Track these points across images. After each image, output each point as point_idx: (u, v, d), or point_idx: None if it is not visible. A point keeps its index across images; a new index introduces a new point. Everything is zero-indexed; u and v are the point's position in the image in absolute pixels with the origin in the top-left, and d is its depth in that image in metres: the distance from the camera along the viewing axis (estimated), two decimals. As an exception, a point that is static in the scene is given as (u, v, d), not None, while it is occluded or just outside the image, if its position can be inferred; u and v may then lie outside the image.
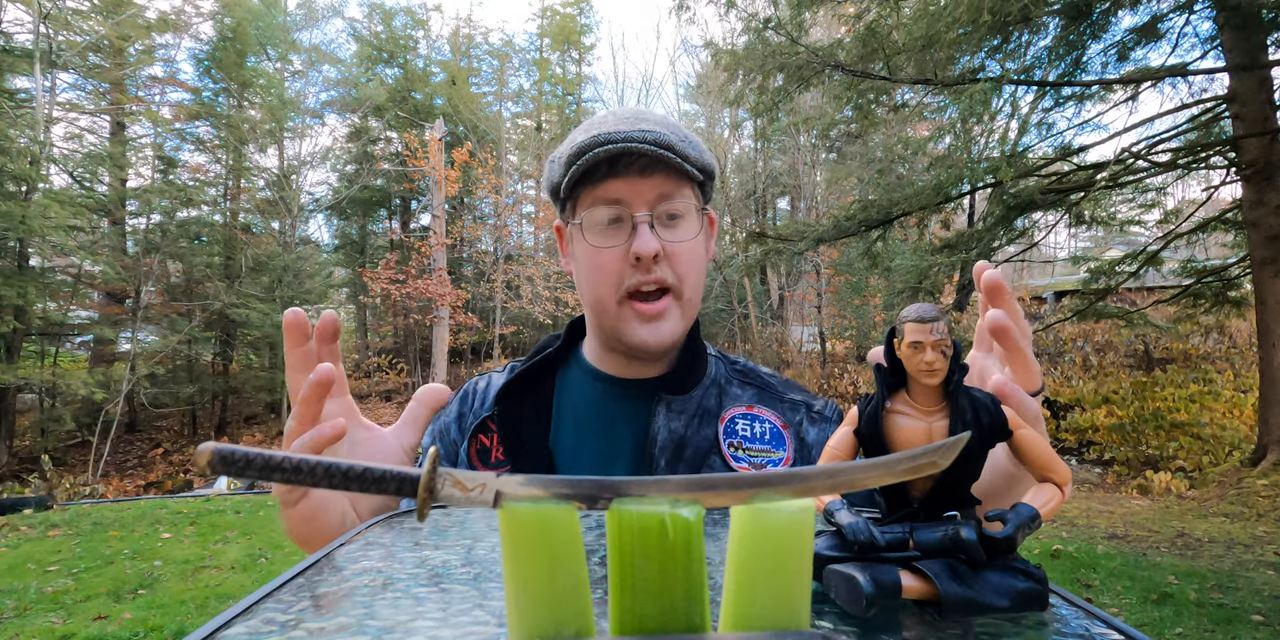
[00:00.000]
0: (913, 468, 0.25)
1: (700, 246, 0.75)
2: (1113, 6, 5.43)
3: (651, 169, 0.70)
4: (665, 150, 0.67)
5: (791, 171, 16.97)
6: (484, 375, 0.86)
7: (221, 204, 16.71)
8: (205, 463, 0.23)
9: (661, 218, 0.71)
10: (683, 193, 0.72)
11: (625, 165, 0.69)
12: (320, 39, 22.38)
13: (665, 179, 0.70)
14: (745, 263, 10.49)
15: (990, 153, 8.21)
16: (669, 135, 0.69)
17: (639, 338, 0.72)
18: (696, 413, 0.76)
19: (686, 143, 0.71)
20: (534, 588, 0.23)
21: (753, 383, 0.82)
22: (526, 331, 18.43)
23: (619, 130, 0.68)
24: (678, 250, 0.71)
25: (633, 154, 0.67)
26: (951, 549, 0.30)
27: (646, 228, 0.69)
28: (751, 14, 6.60)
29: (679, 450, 0.73)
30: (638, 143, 0.66)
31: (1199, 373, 8.94)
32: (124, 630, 3.66)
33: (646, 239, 0.69)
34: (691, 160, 0.71)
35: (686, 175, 0.71)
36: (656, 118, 0.74)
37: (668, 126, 0.72)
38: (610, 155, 0.67)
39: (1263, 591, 3.71)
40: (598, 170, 0.70)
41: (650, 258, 0.69)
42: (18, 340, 11.90)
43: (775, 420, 0.77)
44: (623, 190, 0.70)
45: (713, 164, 0.75)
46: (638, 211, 0.70)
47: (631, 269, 0.70)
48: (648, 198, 0.70)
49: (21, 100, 11.85)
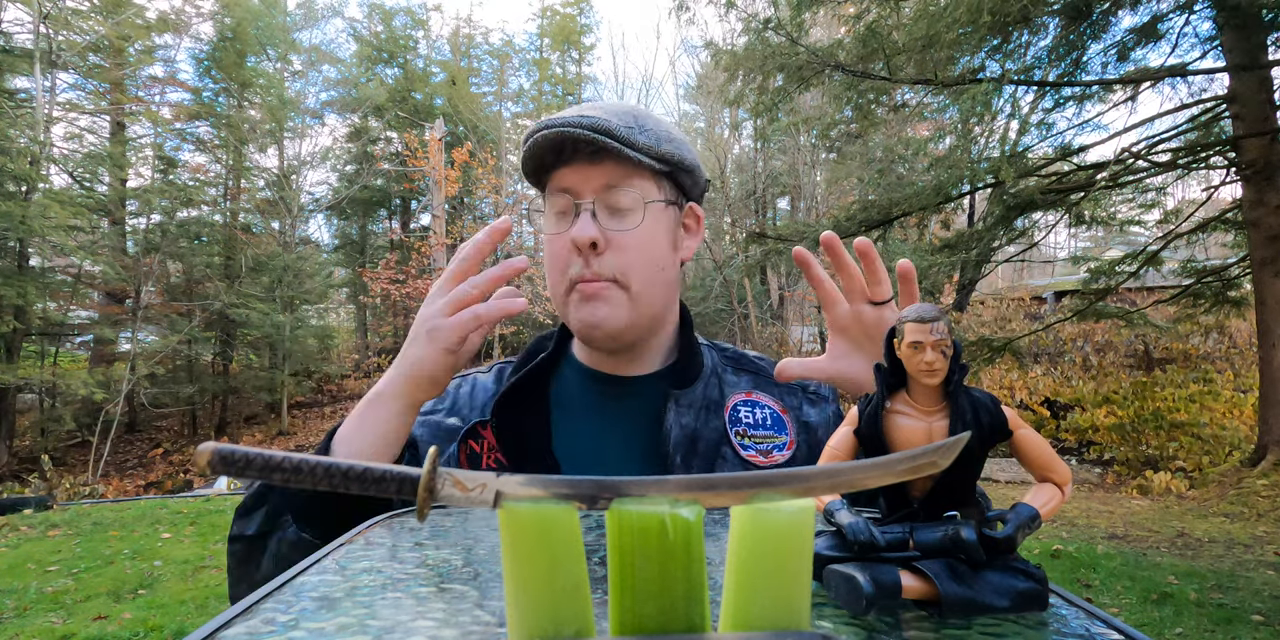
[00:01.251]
0: (913, 468, 0.25)
1: (652, 237, 0.72)
2: (1113, 6, 5.43)
3: (598, 156, 0.68)
4: (603, 136, 0.66)
5: (791, 171, 16.97)
6: (465, 376, 0.85)
7: (221, 204, 16.71)
8: (205, 463, 0.23)
9: (607, 206, 0.69)
10: (632, 181, 0.70)
11: (572, 153, 0.69)
12: (320, 39, 22.38)
13: (614, 167, 0.69)
14: (745, 263, 10.48)
15: (990, 153, 8.21)
16: (611, 121, 0.67)
17: (578, 319, 0.71)
18: (703, 405, 0.75)
19: (636, 130, 0.69)
20: (534, 588, 0.23)
21: (746, 368, 0.82)
22: (526, 331, 18.43)
23: (561, 117, 0.67)
24: (621, 241, 0.69)
25: (574, 140, 0.66)
26: (951, 549, 0.30)
27: (587, 215, 0.68)
28: (751, 14, 6.60)
29: (693, 445, 0.72)
30: (574, 128, 0.65)
31: (1199, 373, 8.94)
32: (124, 630, 3.66)
33: (582, 225, 0.68)
34: (640, 147, 0.68)
35: (637, 164, 0.69)
36: (612, 106, 0.71)
37: (620, 114, 0.70)
38: (550, 142, 0.67)
39: (1263, 591, 3.71)
40: (546, 160, 0.70)
41: (587, 245, 0.68)
42: (18, 340, 11.90)
43: (774, 405, 0.77)
44: (571, 178, 0.70)
45: (680, 155, 0.72)
46: (582, 199, 0.69)
47: (576, 257, 0.70)
48: (594, 185, 0.69)
49: (21, 100, 11.86)
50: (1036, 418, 8.72)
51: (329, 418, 15.42)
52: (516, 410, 0.76)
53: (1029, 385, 9.32)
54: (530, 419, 0.76)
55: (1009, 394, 9.15)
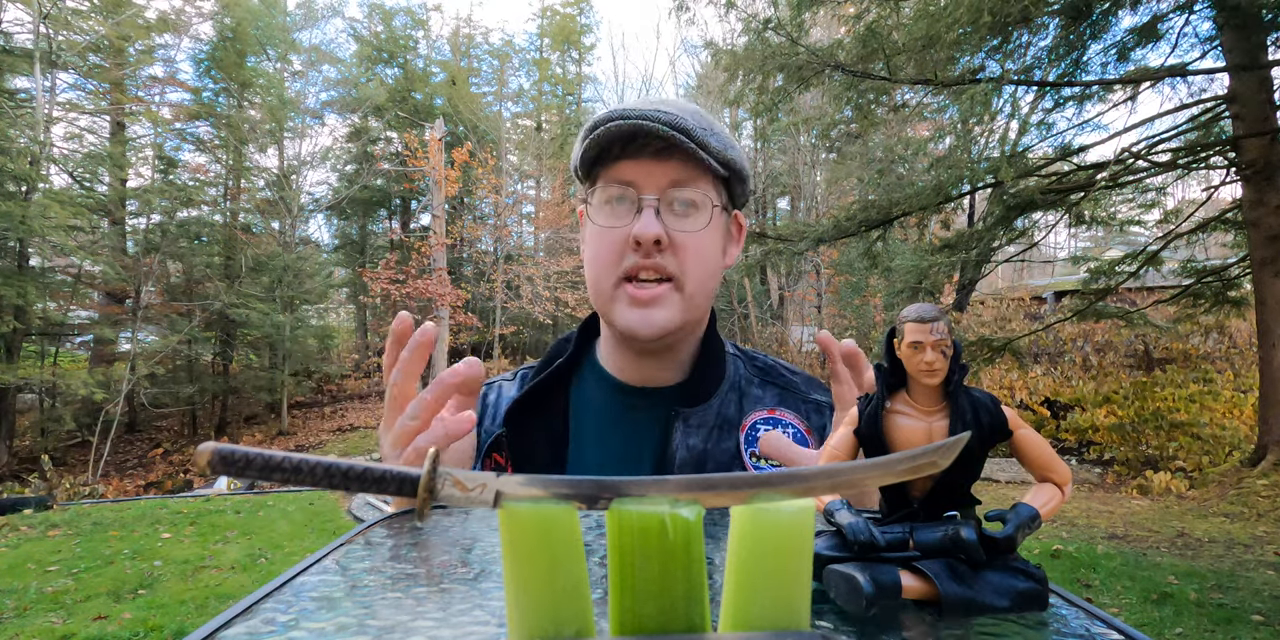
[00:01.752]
0: (913, 468, 0.25)
1: (711, 241, 0.71)
2: (1113, 6, 5.42)
3: (667, 153, 0.67)
4: (680, 133, 0.65)
5: (791, 171, 16.97)
6: (492, 384, 0.83)
7: (221, 204, 16.71)
8: (205, 463, 0.23)
9: (672, 205, 0.68)
10: (698, 183, 0.69)
11: (639, 146, 0.67)
12: (320, 39, 22.39)
13: (681, 165, 0.68)
14: (745, 263, 10.48)
15: (990, 153, 8.21)
16: (687, 119, 0.66)
17: (626, 323, 0.69)
18: (716, 424, 0.73)
19: (708, 133, 0.68)
20: (534, 588, 0.23)
21: (774, 382, 0.79)
22: (526, 331, 18.43)
23: (636, 108, 0.66)
24: (684, 241, 0.68)
25: (646, 133, 0.65)
26: (951, 549, 0.30)
27: (651, 212, 0.67)
28: (751, 15, 6.60)
29: (699, 467, 0.70)
30: (651, 122, 0.64)
31: (1199, 373, 8.94)
32: (124, 630, 3.66)
33: (648, 222, 0.66)
34: (711, 150, 0.67)
35: (705, 166, 0.68)
36: (684, 105, 0.70)
37: (691, 114, 0.69)
38: (622, 132, 0.65)
39: (1263, 591, 3.71)
40: (612, 150, 0.68)
41: (650, 242, 0.66)
42: (18, 340, 11.90)
43: (798, 424, 0.74)
44: (634, 172, 0.68)
45: (741, 164, 0.72)
46: (646, 194, 0.68)
47: (632, 252, 0.68)
48: (659, 182, 0.68)
49: (21, 100, 11.85)
50: (1036, 418, 8.72)
51: (329, 418, 15.42)
52: (532, 418, 0.74)
53: (1029, 385, 9.32)
54: (546, 427, 0.75)
55: (1009, 394, 9.15)
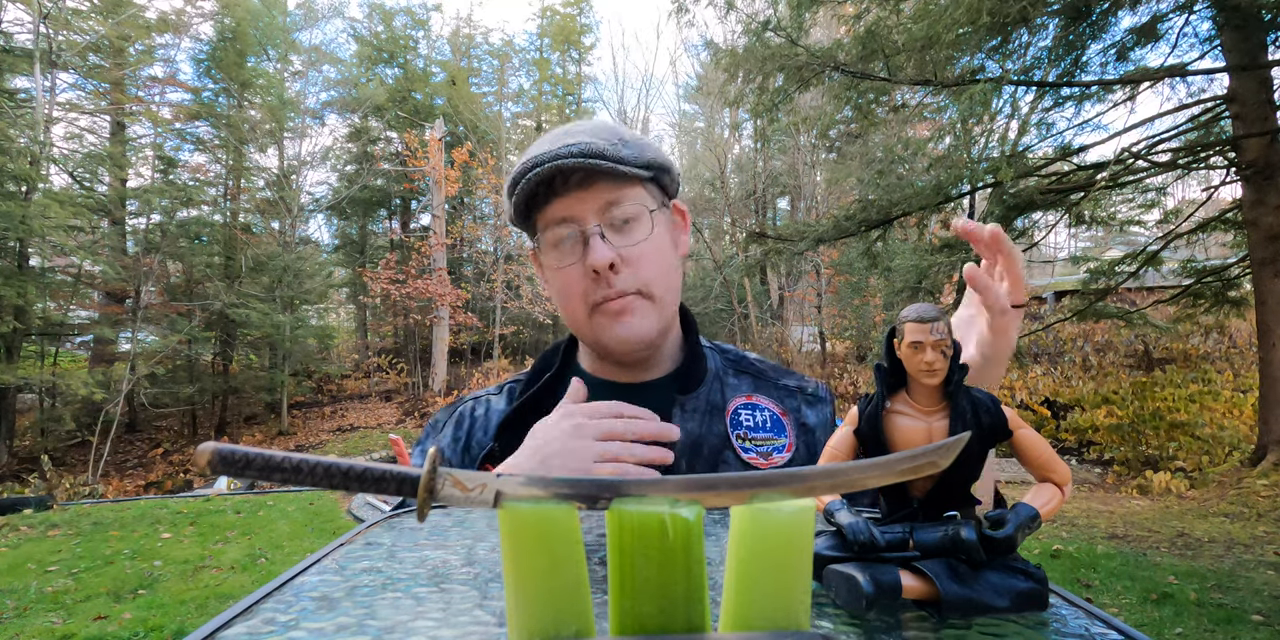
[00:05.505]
0: (913, 468, 0.25)
1: (661, 244, 0.74)
2: (1112, 6, 5.42)
3: (590, 180, 0.69)
4: (595, 159, 0.67)
5: (791, 171, 16.97)
6: (479, 398, 0.86)
7: (221, 204, 16.72)
8: (205, 463, 0.23)
9: (613, 224, 0.70)
10: (629, 195, 0.71)
11: (562, 183, 0.69)
12: (320, 39, 22.39)
13: (608, 186, 0.70)
14: (745, 263, 10.49)
15: (990, 153, 8.20)
16: (596, 142, 0.68)
17: (613, 337, 0.72)
18: (707, 409, 0.76)
19: (621, 145, 0.70)
20: (534, 588, 0.23)
21: (746, 371, 0.83)
22: (526, 331, 18.43)
23: (546, 151, 0.68)
24: (637, 254, 0.71)
25: (567, 171, 0.67)
26: (951, 549, 0.30)
27: (598, 239, 0.69)
28: (751, 15, 6.60)
29: (697, 449, 0.73)
30: (564, 159, 0.66)
31: (1199, 373, 8.94)
32: (124, 630, 3.66)
33: (598, 251, 0.68)
34: (629, 161, 0.69)
35: (630, 177, 0.70)
36: (587, 127, 0.73)
37: (597, 133, 0.71)
38: (542, 178, 0.68)
39: (1263, 591, 3.71)
40: (539, 195, 0.71)
41: (606, 268, 0.69)
42: (18, 340, 11.90)
43: (774, 407, 0.78)
44: (568, 207, 0.70)
45: (660, 158, 0.74)
46: (587, 225, 0.70)
47: (593, 283, 0.70)
48: (593, 208, 0.70)
49: (21, 100, 11.85)
50: (1036, 418, 8.72)
51: (329, 418, 15.42)
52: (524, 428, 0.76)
53: (1029, 385, 9.32)
54: None
55: (1009, 394, 9.15)
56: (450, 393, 15.42)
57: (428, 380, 16.50)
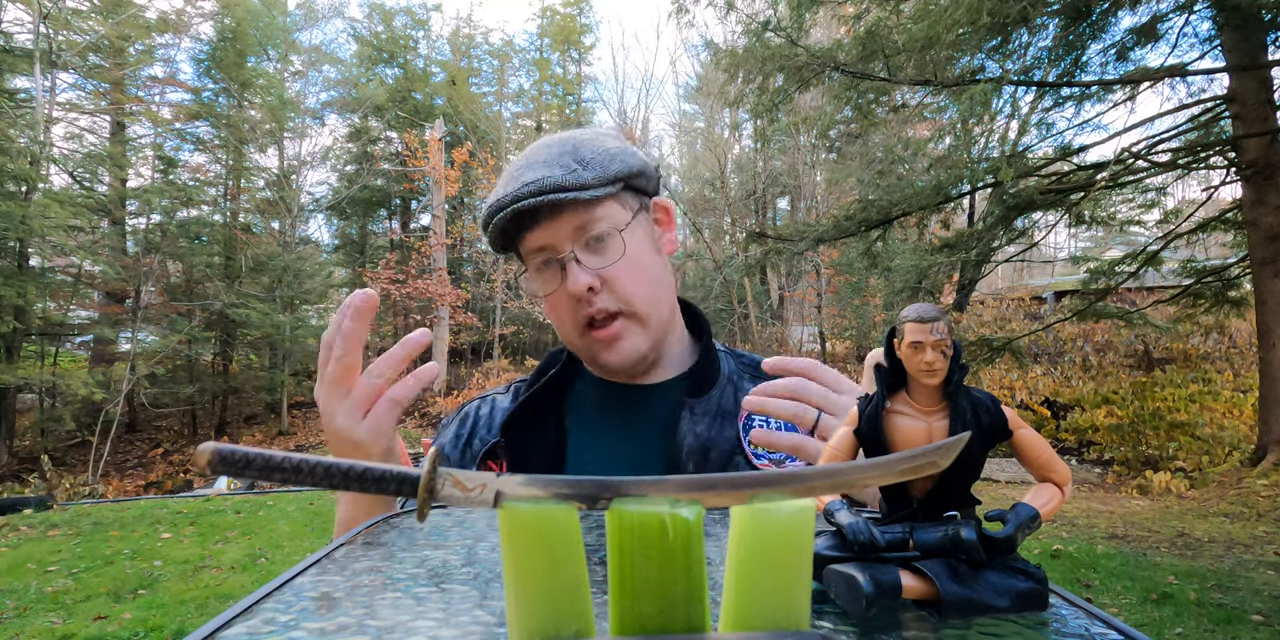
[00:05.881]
0: (913, 468, 0.25)
1: (639, 256, 0.73)
2: (1112, 7, 5.43)
3: (557, 210, 0.70)
4: (553, 194, 0.67)
5: (791, 171, 16.97)
6: (485, 398, 0.87)
7: (221, 204, 16.72)
8: (205, 463, 0.23)
9: (588, 245, 0.71)
10: (598, 216, 0.71)
11: (531, 218, 0.70)
12: (320, 39, 22.36)
13: (575, 213, 0.70)
14: (745, 263, 10.49)
15: (990, 153, 8.21)
16: (552, 175, 0.68)
17: (605, 361, 0.74)
18: (718, 413, 0.76)
19: (581, 168, 0.70)
20: (534, 588, 0.23)
21: (760, 376, 0.80)
22: (526, 331, 18.43)
23: (506, 193, 0.69)
24: (615, 273, 0.71)
25: (531, 211, 0.69)
26: (951, 549, 0.30)
27: (574, 265, 0.70)
28: (751, 16, 6.60)
29: (705, 454, 0.73)
30: (524, 200, 0.67)
31: (1199, 373, 8.94)
32: (124, 630, 3.66)
33: (575, 276, 0.70)
34: (590, 184, 0.69)
35: (596, 199, 0.70)
36: (544, 155, 0.72)
37: (553, 162, 0.71)
38: (508, 220, 0.69)
39: (1263, 591, 3.71)
40: (509, 231, 0.72)
41: (584, 292, 0.70)
42: (18, 340, 11.91)
43: None
44: (542, 239, 0.71)
45: (628, 167, 0.73)
46: (563, 252, 0.71)
47: (578, 304, 0.72)
48: (566, 235, 0.71)
49: (21, 100, 11.85)
50: (1036, 418, 8.72)
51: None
52: (529, 426, 0.77)
53: (1029, 385, 9.32)
54: (544, 433, 0.78)
55: (1009, 394, 9.15)
56: (450, 393, 15.42)
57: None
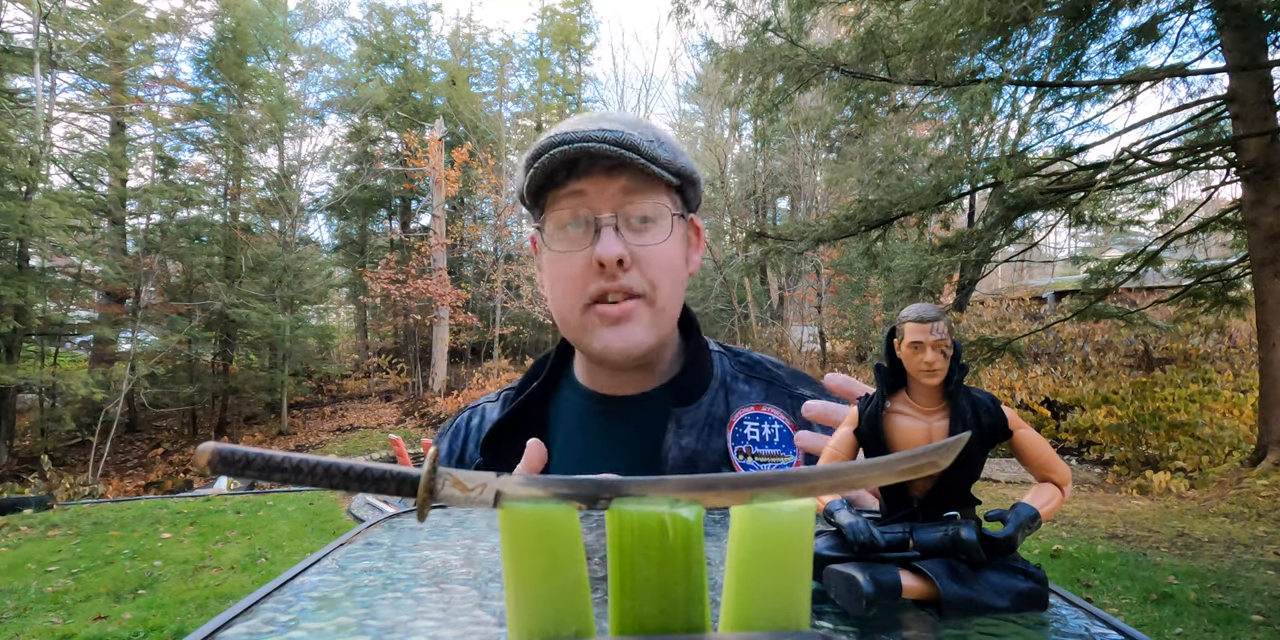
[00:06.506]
0: (913, 468, 0.25)
1: (674, 252, 0.69)
2: (1112, 6, 5.42)
3: (617, 171, 0.65)
4: (628, 150, 0.63)
5: (791, 171, 16.97)
6: (475, 408, 0.84)
7: (221, 204, 16.72)
8: (205, 463, 0.23)
9: (629, 221, 0.66)
10: (653, 195, 0.67)
11: (587, 167, 0.65)
12: (320, 39, 22.38)
13: (633, 180, 0.66)
14: (745, 263, 10.49)
15: (990, 153, 8.21)
16: (632, 134, 0.64)
17: (604, 343, 0.67)
18: (706, 423, 0.72)
19: (656, 144, 0.66)
20: (534, 588, 0.23)
21: (760, 377, 0.77)
22: (526, 331, 18.43)
23: (578, 130, 0.63)
24: (647, 255, 0.66)
25: (593, 155, 0.63)
26: (951, 549, 0.30)
27: (611, 231, 0.64)
28: (751, 16, 6.60)
29: (691, 467, 0.69)
30: (596, 143, 0.62)
31: (1199, 373, 8.93)
32: (124, 630, 3.66)
33: (609, 243, 0.64)
34: (661, 162, 0.66)
35: (657, 178, 0.66)
36: (624, 118, 0.69)
37: (635, 127, 0.67)
38: (568, 156, 0.63)
39: (1263, 591, 3.71)
40: (558, 174, 0.66)
41: (614, 263, 0.64)
42: (18, 340, 11.90)
43: (784, 419, 0.73)
44: (586, 192, 0.66)
45: (691, 169, 0.70)
46: (602, 214, 0.65)
47: (596, 275, 0.66)
48: (613, 200, 0.65)
49: (21, 100, 11.85)
50: (1036, 418, 8.72)
51: (329, 418, 15.42)
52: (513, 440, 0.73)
53: (1029, 385, 9.32)
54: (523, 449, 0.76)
55: (1009, 394, 9.15)
56: (450, 393, 15.42)
57: (428, 380, 16.51)
